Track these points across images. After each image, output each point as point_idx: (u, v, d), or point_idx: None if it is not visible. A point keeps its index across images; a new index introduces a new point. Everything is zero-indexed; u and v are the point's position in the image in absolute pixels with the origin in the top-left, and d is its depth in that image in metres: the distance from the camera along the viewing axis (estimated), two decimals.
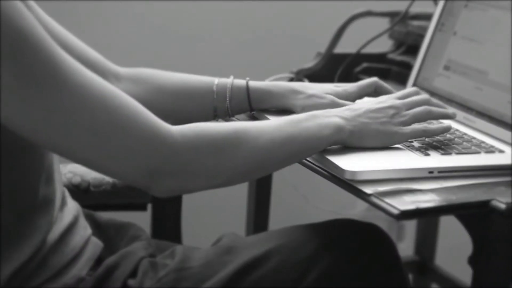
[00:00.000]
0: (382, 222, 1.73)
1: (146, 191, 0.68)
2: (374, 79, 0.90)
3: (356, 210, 1.51)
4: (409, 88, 0.86)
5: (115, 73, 0.88)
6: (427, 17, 1.12)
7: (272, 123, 0.73)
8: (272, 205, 1.20)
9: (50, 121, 0.61)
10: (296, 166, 0.81)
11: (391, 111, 0.78)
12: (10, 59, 0.59)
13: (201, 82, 0.89)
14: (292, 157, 0.74)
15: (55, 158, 0.75)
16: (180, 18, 1.51)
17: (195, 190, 0.70)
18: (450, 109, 0.85)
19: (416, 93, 0.84)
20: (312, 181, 1.06)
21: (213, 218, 1.55)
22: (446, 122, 0.82)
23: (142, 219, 1.05)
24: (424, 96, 0.83)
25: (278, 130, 0.72)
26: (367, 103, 0.80)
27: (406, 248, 1.65)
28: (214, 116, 0.89)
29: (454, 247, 1.52)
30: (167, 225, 1.10)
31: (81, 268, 0.75)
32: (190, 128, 0.68)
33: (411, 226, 1.56)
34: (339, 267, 0.77)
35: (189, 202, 1.12)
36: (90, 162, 0.65)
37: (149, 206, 1.08)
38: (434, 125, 0.81)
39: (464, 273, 1.35)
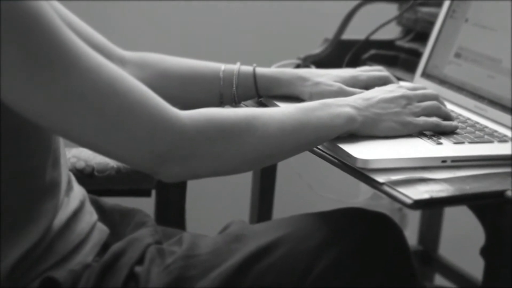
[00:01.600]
0: (385, 211, 1.72)
1: (154, 176, 0.67)
2: (386, 74, 0.89)
3: (359, 198, 1.50)
4: (417, 84, 0.85)
5: (120, 57, 0.86)
6: (437, 3, 1.10)
7: (283, 110, 0.72)
8: (275, 193, 1.19)
9: (59, 104, 0.60)
10: (302, 153, 0.80)
11: (404, 101, 0.78)
12: (20, 40, 0.57)
13: (207, 68, 0.87)
14: (302, 146, 0.73)
15: (61, 142, 0.74)
16: (182, 4, 1.48)
17: (203, 175, 0.69)
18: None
19: (424, 89, 0.84)
20: (316, 169, 1.04)
21: (217, 205, 1.54)
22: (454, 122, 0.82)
23: (146, 205, 1.04)
24: (433, 91, 0.83)
25: (289, 118, 0.71)
26: (379, 91, 0.79)
27: (408, 237, 1.63)
28: (220, 102, 0.88)
29: (458, 237, 1.52)
30: (171, 212, 1.09)
31: (87, 254, 0.74)
32: (199, 113, 0.67)
33: (414, 215, 1.55)
34: (349, 256, 0.76)
35: (193, 189, 1.10)
36: (98, 147, 0.64)
37: (153, 192, 1.07)
38: (445, 121, 0.80)
39: (468, 263, 1.35)
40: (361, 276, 0.75)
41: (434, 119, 0.79)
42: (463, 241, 1.14)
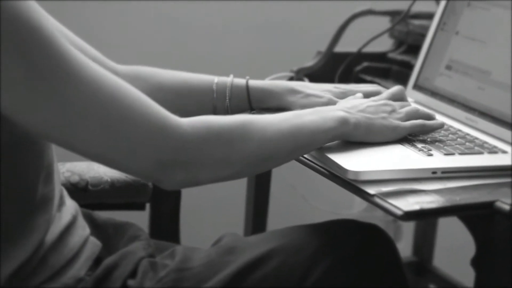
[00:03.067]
0: (379, 223, 1.72)
1: (156, 184, 0.68)
2: (376, 88, 0.90)
3: (354, 210, 1.51)
4: (393, 88, 0.88)
5: (114, 71, 0.87)
6: (428, 16, 1.11)
7: (279, 116, 0.74)
8: (270, 205, 1.20)
9: (62, 116, 0.61)
10: (295, 165, 0.81)
11: (389, 108, 0.81)
12: (21, 53, 0.58)
13: (201, 80, 0.88)
14: (299, 149, 0.75)
15: (55, 157, 0.74)
16: (180, 18, 1.50)
17: (205, 182, 0.70)
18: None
19: (401, 91, 0.87)
20: (310, 180, 1.05)
21: (212, 218, 1.54)
22: (439, 120, 0.84)
23: (140, 219, 1.05)
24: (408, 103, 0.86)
25: (285, 122, 0.72)
26: (364, 100, 0.82)
27: (403, 248, 1.64)
28: (213, 114, 0.88)
29: (452, 248, 1.52)
30: (165, 225, 1.09)
31: (79, 268, 0.74)
32: (199, 120, 0.68)
33: (408, 226, 1.55)
34: (341, 267, 0.76)
35: (187, 201, 1.11)
36: (101, 157, 0.65)
37: (148, 205, 1.08)
38: (431, 121, 0.82)
39: (462, 274, 1.35)
40: (354, 287, 0.75)
41: (420, 121, 0.81)
42: (457, 252, 1.14)
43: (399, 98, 0.87)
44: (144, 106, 0.65)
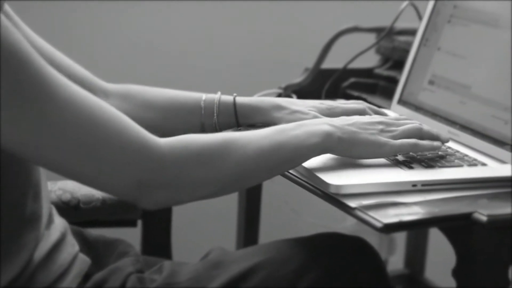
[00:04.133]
0: (372, 236, 1.74)
1: (135, 204, 0.69)
2: (362, 107, 0.90)
3: (346, 223, 1.52)
4: (401, 117, 0.84)
5: (103, 89, 0.89)
6: (413, 32, 1.13)
7: (261, 132, 0.74)
8: (262, 219, 1.21)
9: (39, 137, 0.62)
10: (285, 179, 0.82)
11: (380, 126, 0.79)
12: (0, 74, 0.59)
13: (188, 98, 0.90)
14: (281, 165, 0.74)
15: (43, 175, 0.76)
16: (169, 35, 1.52)
17: (184, 201, 0.70)
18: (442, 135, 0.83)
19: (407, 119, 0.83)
20: (302, 195, 1.07)
21: (203, 233, 1.55)
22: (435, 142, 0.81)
23: (132, 235, 1.06)
24: (416, 122, 0.82)
25: (266, 138, 0.72)
26: (357, 116, 0.80)
27: (397, 261, 1.65)
28: (202, 131, 0.90)
29: (443, 260, 1.53)
30: (157, 241, 1.10)
31: (68, 285, 0.75)
32: (178, 140, 0.69)
33: (402, 239, 1.57)
34: (326, 280, 0.77)
35: (179, 217, 1.12)
36: (79, 176, 0.66)
37: (139, 222, 1.09)
38: (424, 141, 0.80)
39: (453, 285, 1.36)
40: None
41: (412, 140, 0.78)
42: (448, 264, 1.15)
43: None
44: (122, 126, 0.66)
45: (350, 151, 0.77)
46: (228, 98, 0.90)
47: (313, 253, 0.80)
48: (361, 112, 0.89)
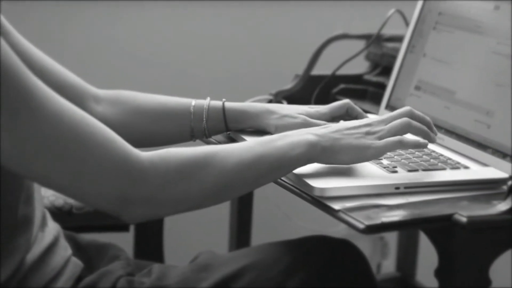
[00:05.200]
0: (366, 240, 1.75)
1: (117, 217, 0.69)
2: (346, 101, 0.93)
3: (339, 227, 1.53)
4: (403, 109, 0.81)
5: (94, 95, 0.90)
6: (401, 39, 1.15)
7: (243, 145, 0.74)
8: (255, 224, 1.22)
9: (23, 148, 0.62)
10: (272, 183, 0.83)
11: (365, 128, 0.77)
12: None
13: (178, 103, 0.91)
14: (264, 177, 0.74)
15: None
16: (159, 42, 1.54)
17: (165, 215, 0.71)
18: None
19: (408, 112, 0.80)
20: (293, 199, 1.08)
21: (196, 238, 1.57)
22: (422, 140, 0.79)
23: (124, 240, 1.08)
24: (406, 107, 0.80)
25: (247, 151, 0.72)
26: (342, 122, 0.80)
27: (389, 265, 1.67)
28: (191, 136, 0.91)
29: (434, 263, 1.54)
30: (150, 245, 1.12)
31: (61, 287, 0.77)
32: (159, 154, 0.69)
33: (395, 243, 1.58)
34: (313, 282, 0.79)
35: (171, 222, 1.14)
36: (62, 188, 0.66)
37: (132, 226, 1.11)
38: (409, 138, 0.78)
39: None
40: None
41: (396, 137, 0.76)
42: None
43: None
44: (105, 140, 0.66)
45: (334, 159, 0.76)
46: (217, 103, 0.91)
47: (300, 256, 0.81)
48: (346, 107, 0.91)
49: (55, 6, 1.44)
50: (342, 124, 0.80)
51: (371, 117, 0.83)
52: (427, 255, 1.51)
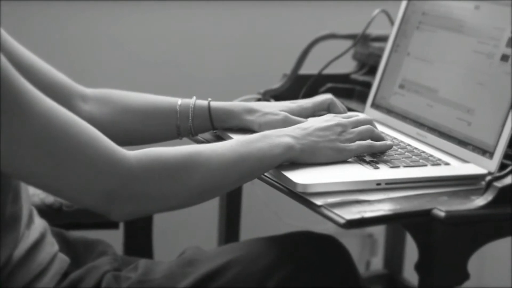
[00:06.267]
0: (355, 238, 1.77)
1: (104, 215, 0.70)
2: (328, 96, 0.95)
3: (328, 225, 1.55)
4: (352, 112, 0.92)
5: (82, 95, 0.91)
6: (387, 39, 1.17)
7: (225, 145, 0.76)
8: (244, 222, 1.24)
9: (11, 148, 0.64)
10: (259, 181, 0.85)
11: (339, 129, 0.83)
12: None
13: (164, 102, 0.93)
14: (246, 176, 0.78)
15: None
16: (147, 41, 1.55)
17: (152, 213, 0.72)
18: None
19: (357, 115, 0.88)
20: (282, 197, 1.10)
21: (185, 235, 1.58)
22: (388, 142, 0.87)
23: (114, 237, 1.09)
24: (367, 116, 0.88)
25: (230, 151, 0.75)
26: (315, 121, 0.84)
27: (378, 262, 1.68)
28: (178, 134, 0.93)
29: None
30: (139, 243, 1.14)
31: (47, 283, 0.78)
32: (145, 153, 0.71)
33: (383, 241, 1.60)
34: (296, 276, 0.80)
35: (160, 219, 1.15)
36: (49, 188, 0.68)
37: (121, 224, 1.12)
38: (379, 142, 0.85)
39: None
40: None
41: (367, 142, 0.83)
42: None
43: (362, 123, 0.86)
44: (92, 140, 0.67)
45: (311, 159, 0.81)
46: (202, 102, 0.92)
47: (284, 251, 0.83)
48: (328, 102, 0.94)
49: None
50: (316, 123, 0.83)
51: (338, 115, 0.87)
52: (414, 253, 1.53)
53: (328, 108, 0.94)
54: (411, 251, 1.48)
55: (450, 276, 0.75)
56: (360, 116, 0.88)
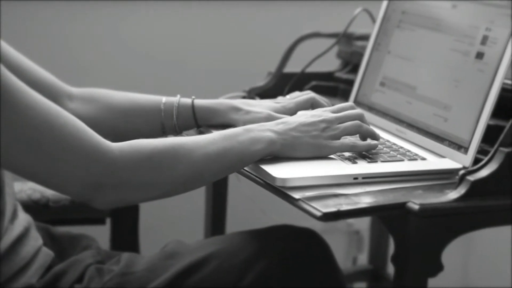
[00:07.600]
0: (342, 235, 1.79)
1: (88, 204, 0.72)
2: (311, 95, 0.96)
3: (314, 221, 1.57)
4: (345, 103, 0.90)
5: (68, 93, 0.93)
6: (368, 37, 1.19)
7: (207, 137, 0.78)
8: (230, 219, 1.25)
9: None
10: (241, 176, 0.86)
11: (323, 125, 0.83)
12: None
13: (149, 100, 0.94)
14: (227, 168, 0.79)
15: (7, 173, 0.80)
16: (134, 40, 1.56)
17: (135, 202, 0.74)
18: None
19: (352, 108, 0.88)
20: (269, 193, 1.12)
21: (171, 229, 1.59)
22: (374, 141, 0.87)
23: (101, 233, 1.11)
24: (358, 110, 0.88)
25: (213, 144, 0.77)
26: (301, 116, 0.85)
27: (364, 258, 1.70)
28: (163, 132, 0.94)
29: None
30: (126, 238, 1.15)
31: (31, 276, 0.80)
32: (128, 144, 0.73)
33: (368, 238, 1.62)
34: (275, 269, 0.82)
35: (147, 213, 1.17)
36: (35, 177, 0.70)
37: (108, 220, 1.14)
38: (362, 141, 0.86)
39: None
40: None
41: (350, 141, 0.84)
42: None
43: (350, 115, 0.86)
44: (76, 130, 0.70)
45: (292, 154, 0.82)
46: (186, 101, 0.94)
47: (263, 244, 0.84)
48: (311, 102, 0.94)
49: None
50: (300, 119, 0.84)
51: (328, 109, 0.87)
52: None
53: (312, 108, 0.95)
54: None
55: (425, 267, 0.76)
56: (350, 110, 0.86)
